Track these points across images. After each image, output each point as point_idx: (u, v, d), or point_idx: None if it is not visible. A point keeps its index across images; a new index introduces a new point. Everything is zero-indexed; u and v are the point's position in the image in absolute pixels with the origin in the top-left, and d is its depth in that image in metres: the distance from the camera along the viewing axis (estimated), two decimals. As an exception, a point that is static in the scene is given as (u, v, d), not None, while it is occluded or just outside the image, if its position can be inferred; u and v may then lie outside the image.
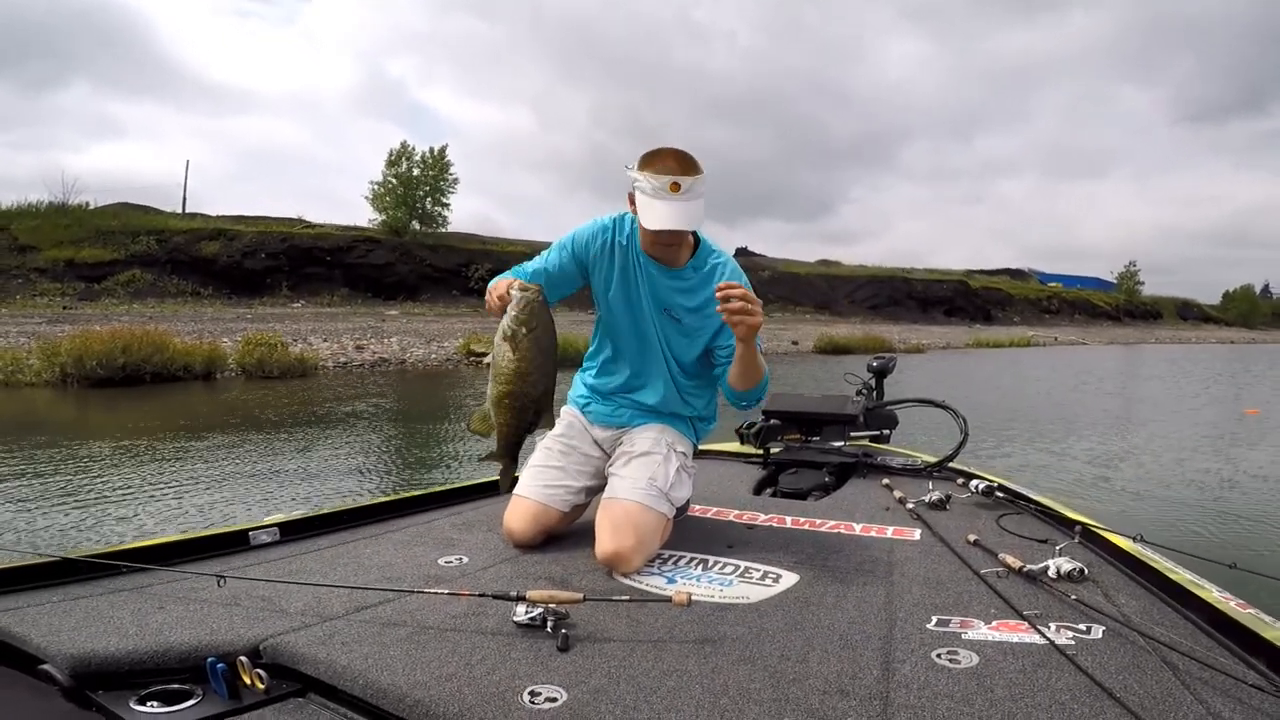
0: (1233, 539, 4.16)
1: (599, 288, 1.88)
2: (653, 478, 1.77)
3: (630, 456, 1.84)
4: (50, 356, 10.93)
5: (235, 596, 1.42)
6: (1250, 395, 13.44)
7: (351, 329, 20.33)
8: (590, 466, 1.94)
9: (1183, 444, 7.49)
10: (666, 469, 1.81)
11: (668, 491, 1.78)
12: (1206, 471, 6.08)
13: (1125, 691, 1.08)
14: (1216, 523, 4.51)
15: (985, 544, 1.78)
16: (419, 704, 1.05)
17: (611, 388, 1.96)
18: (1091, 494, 5.17)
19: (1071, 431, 8.26)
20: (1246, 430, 8.81)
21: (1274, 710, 1.04)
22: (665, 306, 1.83)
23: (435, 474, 5.89)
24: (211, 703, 1.12)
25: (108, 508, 4.39)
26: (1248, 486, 5.52)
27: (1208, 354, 32.03)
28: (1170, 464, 6.42)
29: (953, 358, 24.74)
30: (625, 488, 1.75)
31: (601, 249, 1.84)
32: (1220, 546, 3.95)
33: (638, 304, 1.85)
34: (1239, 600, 1.40)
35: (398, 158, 32.67)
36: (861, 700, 1.07)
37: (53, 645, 1.20)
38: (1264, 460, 6.65)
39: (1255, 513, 4.74)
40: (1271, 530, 4.38)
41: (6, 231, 24.72)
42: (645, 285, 1.83)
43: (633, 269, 1.83)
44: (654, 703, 1.06)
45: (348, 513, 2.06)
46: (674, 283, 1.82)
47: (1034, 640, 1.26)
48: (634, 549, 1.64)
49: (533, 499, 1.82)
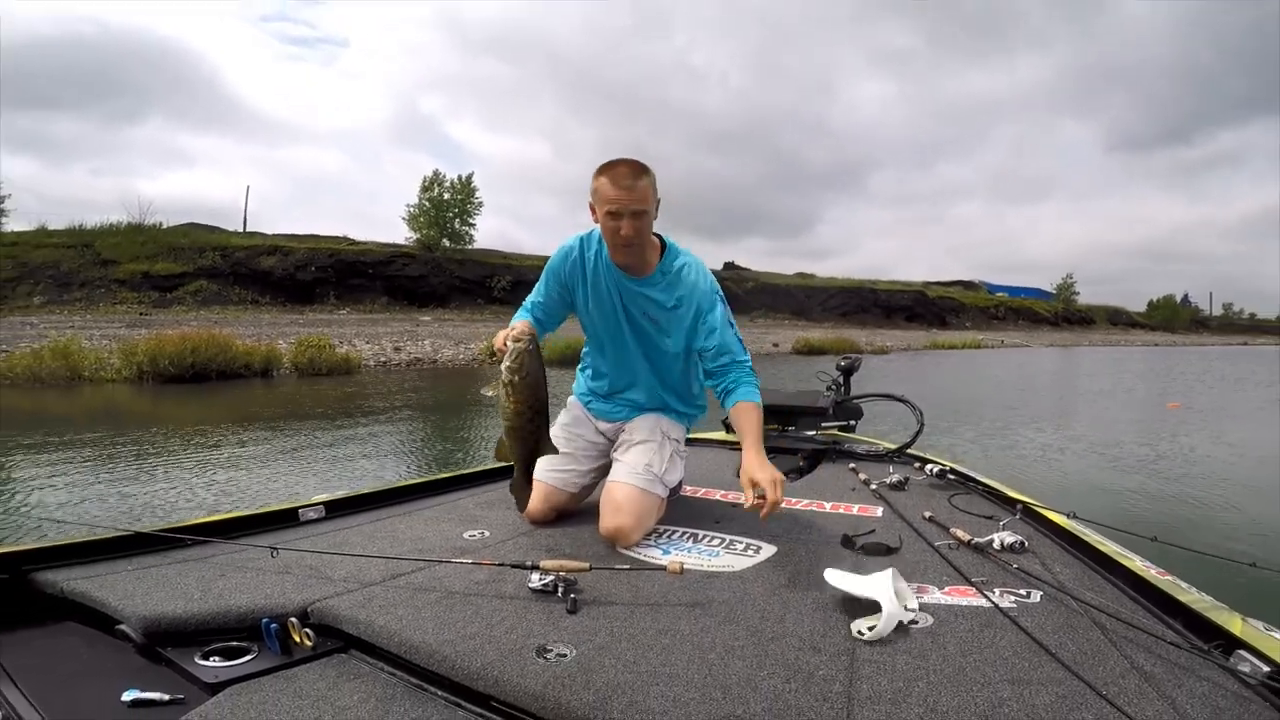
0: (1155, 515, 4.16)
1: (578, 303, 1.81)
2: (649, 464, 1.76)
3: (629, 445, 1.83)
4: (129, 356, 10.95)
5: (286, 565, 1.42)
6: (1172, 391, 13.41)
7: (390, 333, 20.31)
8: (595, 451, 1.92)
9: (1112, 433, 7.47)
10: (661, 455, 1.80)
11: (662, 476, 1.77)
12: (1133, 457, 6.07)
13: (1060, 648, 1.07)
14: (1141, 501, 4.51)
15: (939, 520, 1.77)
16: (446, 659, 1.05)
17: (604, 391, 1.94)
18: (1032, 476, 5.16)
19: (1015, 422, 8.24)
20: (1169, 422, 8.79)
21: (1188, 663, 1.04)
22: (642, 312, 1.75)
23: (461, 458, 5.88)
24: (266, 658, 1.12)
25: (176, 488, 4.39)
26: (1169, 470, 5.51)
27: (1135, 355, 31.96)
28: (1101, 451, 6.41)
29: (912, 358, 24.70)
30: (624, 473, 1.74)
31: (573, 268, 1.76)
32: (1144, 522, 3.94)
33: (612, 314, 1.77)
34: (1159, 569, 1.40)
35: (430, 184, 32.71)
36: (831, 655, 1.07)
37: (127, 608, 1.21)
38: (1183, 448, 6.64)
39: (1175, 493, 4.73)
40: (1188, 508, 4.37)
41: (91, 248, 24.73)
42: (617, 296, 1.75)
43: (604, 281, 1.75)
44: (651, 658, 1.06)
45: (384, 492, 2.06)
46: (645, 290, 1.73)
47: (981, 604, 1.26)
48: (633, 526, 1.63)
49: (544, 481, 1.79)
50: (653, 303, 1.72)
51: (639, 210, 1.57)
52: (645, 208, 1.58)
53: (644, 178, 1.57)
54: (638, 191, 1.56)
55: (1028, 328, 56.46)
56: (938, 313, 51.88)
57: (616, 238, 1.61)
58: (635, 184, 1.55)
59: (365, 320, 24.33)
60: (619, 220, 1.58)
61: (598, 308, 1.78)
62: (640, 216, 1.58)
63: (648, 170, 1.59)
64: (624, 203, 1.55)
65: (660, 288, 1.72)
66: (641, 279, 1.72)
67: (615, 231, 1.60)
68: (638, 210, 1.57)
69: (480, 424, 7.50)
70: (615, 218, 1.58)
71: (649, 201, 1.58)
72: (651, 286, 1.72)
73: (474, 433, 7.12)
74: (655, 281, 1.72)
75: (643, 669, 1.02)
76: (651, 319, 1.74)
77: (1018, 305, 60.85)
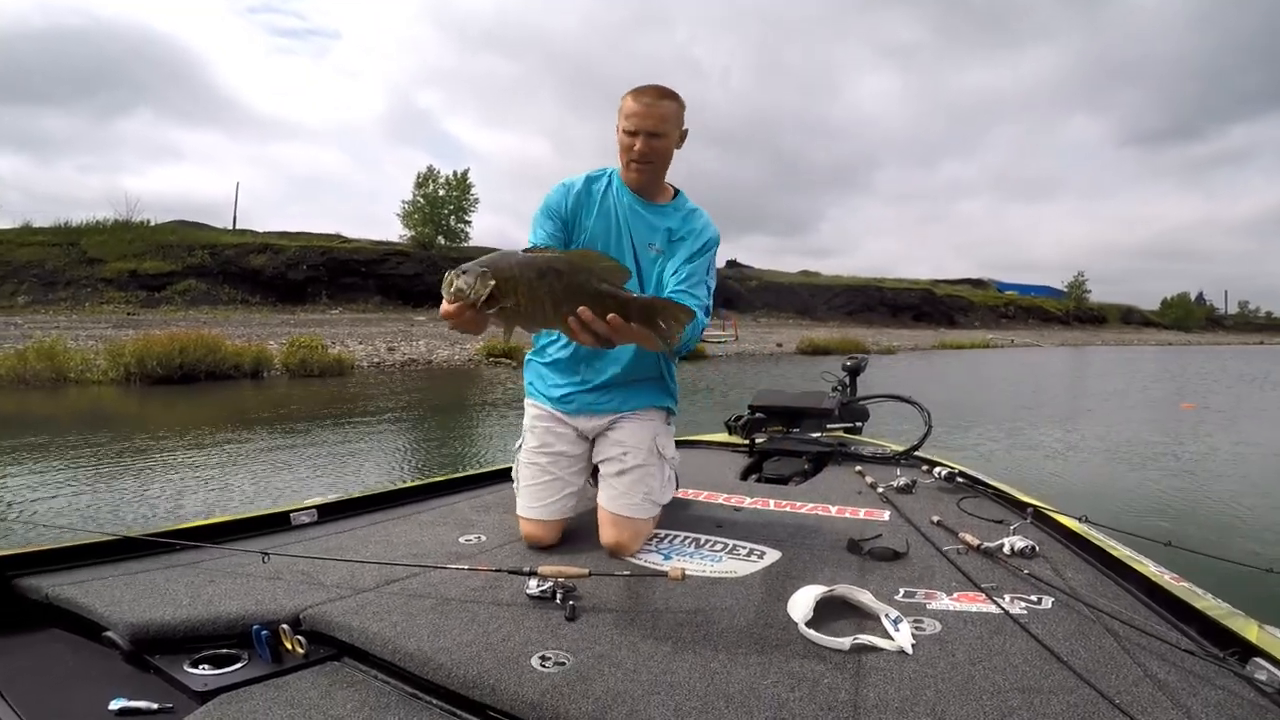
0: (1169, 519, 4.16)
1: (574, 239, 1.68)
2: (648, 492, 1.70)
3: (624, 469, 1.73)
4: (116, 357, 10.95)
5: (278, 571, 1.42)
6: (1186, 391, 13.41)
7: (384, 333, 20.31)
8: (578, 465, 1.78)
9: (1125, 435, 7.48)
10: (660, 478, 1.75)
11: (660, 499, 1.75)
12: (1146, 459, 6.07)
13: (1072, 656, 1.07)
14: (1154, 505, 4.51)
15: (947, 524, 1.77)
16: (442, 667, 1.05)
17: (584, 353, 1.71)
18: (1042, 479, 5.16)
19: (1025, 423, 8.25)
20: (1183, 423, 8.79)
21: (1204, 671, 1.04)
22: (647, 243, 1.68)
23: (456, 461, 5.89)
24: (256, 665, 1.12)
25: (164, 492, 4.40)
26: (1183, 473, 5.51)
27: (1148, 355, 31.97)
28: (1114, 453, 6.41)
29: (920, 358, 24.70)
30: (622, 504, 1.67)
31: (576, 200, 1.68)
32: (1157, 526, 3.95)
33: (616, 244, 1.67)
34: (1173, 574, 1.39)
35: (425, 180, 32.71)
36: (836, 664, 1.07)
37: (114, 614, 1.20)
38: (1197, 450, 6.64)
39: (1189, 496, 4.73)
40: (1203, 511, 4.37)
41: (77, 246, 24.76)
42: (626, 224, 1.67)
43: (614, 208, 1.68)
44: (651, 666, 1.05)
45: (378, 496, 2.05)
46: (658, 216, 1.69)
47: (991, 610, 1.26)
48: (631, 539, 1.63)
49: (535, 519, 1.70)
50: (663, 230, 1.69)
51: (655, 131, 1.58)
52: (663, 129, 1.58)
53: (668, 101, 1.58)
54: (659, 109, 1.57)
55: (1038, 327, 56.51)
56: (946, 311, 51.90)
57: (631, 153, 1.62)
58: (657, 103, 1.57)
59: (358, 320, 24.33)
60: (634, 137, 1.60)
61: (602, 235, 1.68)
62: (656, 137, 1.58)
63: (675, 96, 1.60)
64: (641, 117, 1.57)
65: (675, 217, 1.71)
66: (656, 205, 1.71)
67: (630, 148, 1.61)
68: (654, 130, 1.58)
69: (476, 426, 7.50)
70: (631, 135, 1.60)
71: (668, 124, 1.59)
72: (665, 215, 1.71)
73: (470, 435, 7.12)
74: (670, 211, 1.71)
75: (643, 678, 1.02)
76: (657, 250, 1.69)
77: (1028, 304, 60.91)
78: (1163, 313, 76.29)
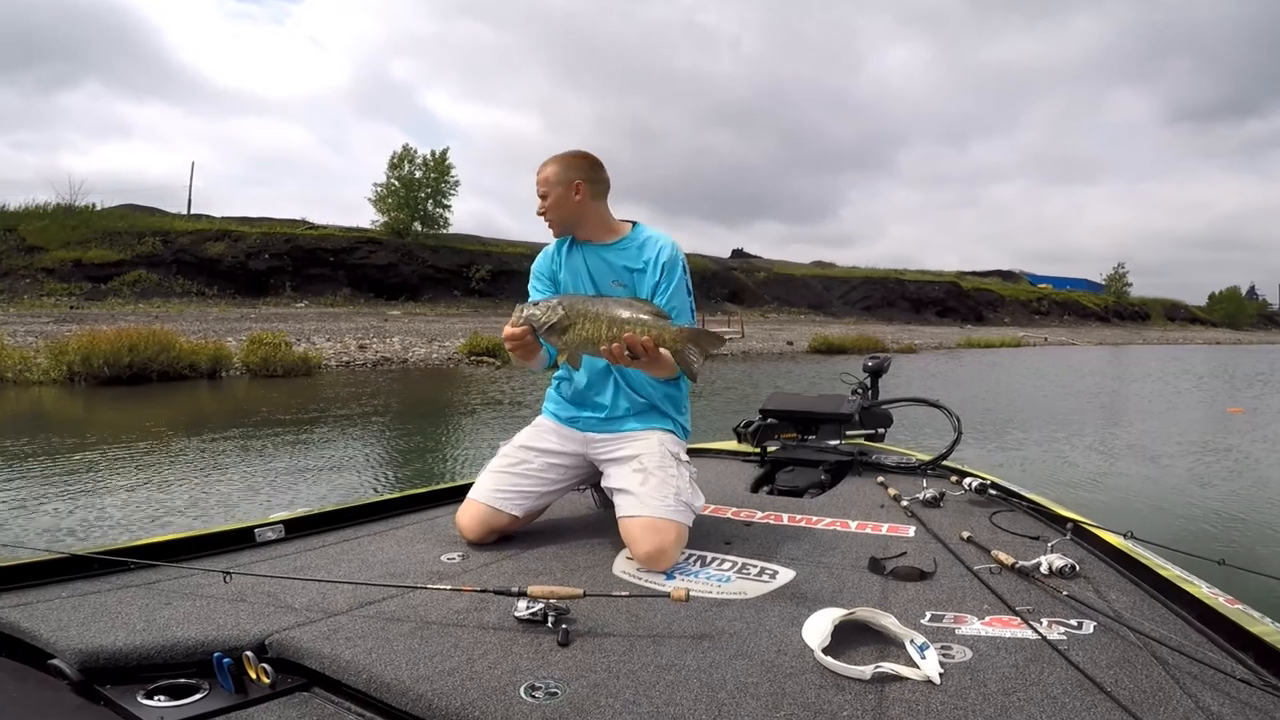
0: (1221, 536, 4.17)
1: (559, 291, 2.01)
2: (677, 492, 1.78)
3: (646, 472, 1.82)
4: (58, 356, 10.92)
5: (241, 592, 1.42)
6: (1236, 395, 13.46)
7: (354, 329, 20.32)
8: (553, 474, 1.95)
9: (1171, 442, 7.50)
10: (682, 480, 1.83)
11: (691, 503, 1.80)
12: (1194, 469, 6.09)
13: (1116, 686, 1.07)
14: (1205, 520, 4.52)
15: (978, 541, 1.77)
16: (422, 698, 1.05)
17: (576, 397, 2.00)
18: (1082, 491, 5.17)
19: (1062, 430, 8.27)
20: (1231, 429, 8.82)
21: (1261, 703, 1.04)
22: (613, 280, 1.95)
23: (436, 472, 5.88)
24: (218, 697, 1.12)
25: (115, 505, 4.39)
26: (1234, 484, 5.53)
27: (1195, 354, 32.09)
28: (1159, 462, 6.43)
29: (945, 358, 24.77)
30: (656, 505, 1.73)
31: (550, 261, 2.05)
32: (1209, 543, 3.96)
33: (586, 287, 1.97)
34: (1227, 596, 1.40)
35: (400, 160, 32.71)
36: (857, 694, 1.07)
37: (62, 640, 1.20)
38: (1249, 458, 6.66)
39: (1242, 510, 4.75)
40: (1258, 527, 4.38)
41: (14, 233, 24.69)
42: (587, 269, 1.97)
43: (577, 258, 2.00)
44: (653, 697, 1.05)
45: (351, 510, 2.05)
46: (612, 255, 1.96)
47: (1026, 635, 1.26)
48: (673, 544, 1.68)
49: (482, 502, 1.85)
50: (622, 268, 1.96)
51: (541, 194, 1.96)
52: (545, 190, 1.95)
53: (549, 166, 1.96)
54: (541, 174, 1.96)
55: (1074, 323, 56.69)
56: (973, 306, 52.03)
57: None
58: (541, 170, 1.96)
59: (326, 314, 24.33)
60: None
61: (572, 284, 2.01)
62: (544, 198, 1.96)
63: (560, 159, 1.96)
64: (537, 183, 1.97)
65: (629, 252, 1.97)
66: (608, 245, 1.98)
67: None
68: (541, 194, 1.96)
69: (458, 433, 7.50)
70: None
71: (549, 184, 1.94)
72: (619, 252, 1.98)
73: (450, 443, 7.12)
74: (624, 246, 1.98)
75: (643, 709, 1.02)
76: (622, 285, 1.96)
77: (1063, 298, 61.06)
78: (1210, 309, 76.56)
